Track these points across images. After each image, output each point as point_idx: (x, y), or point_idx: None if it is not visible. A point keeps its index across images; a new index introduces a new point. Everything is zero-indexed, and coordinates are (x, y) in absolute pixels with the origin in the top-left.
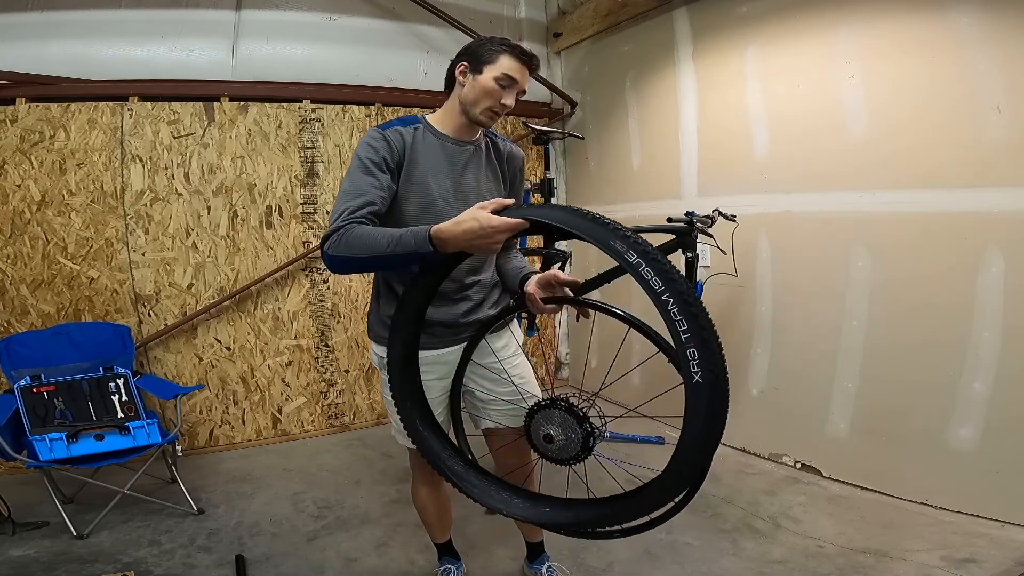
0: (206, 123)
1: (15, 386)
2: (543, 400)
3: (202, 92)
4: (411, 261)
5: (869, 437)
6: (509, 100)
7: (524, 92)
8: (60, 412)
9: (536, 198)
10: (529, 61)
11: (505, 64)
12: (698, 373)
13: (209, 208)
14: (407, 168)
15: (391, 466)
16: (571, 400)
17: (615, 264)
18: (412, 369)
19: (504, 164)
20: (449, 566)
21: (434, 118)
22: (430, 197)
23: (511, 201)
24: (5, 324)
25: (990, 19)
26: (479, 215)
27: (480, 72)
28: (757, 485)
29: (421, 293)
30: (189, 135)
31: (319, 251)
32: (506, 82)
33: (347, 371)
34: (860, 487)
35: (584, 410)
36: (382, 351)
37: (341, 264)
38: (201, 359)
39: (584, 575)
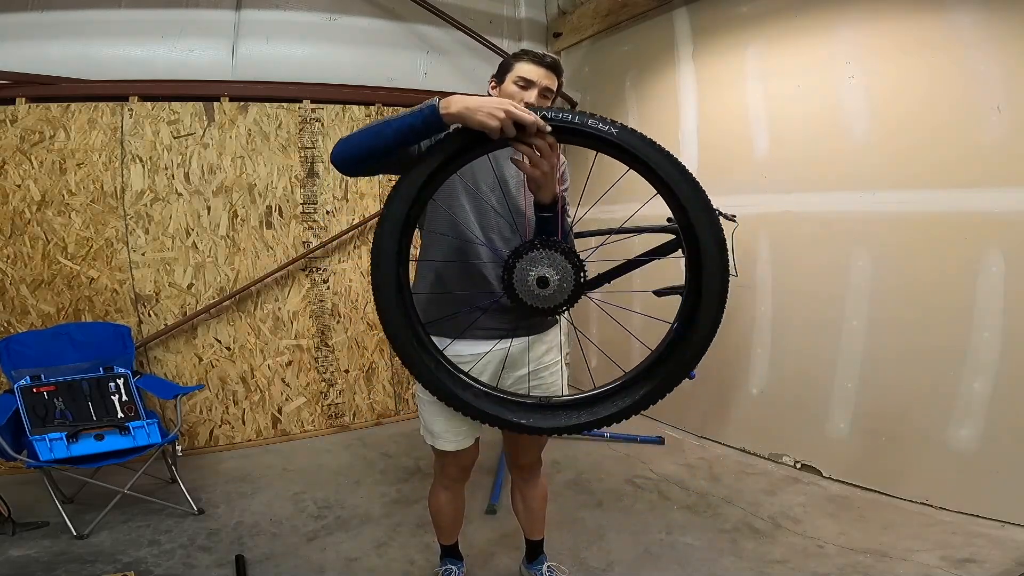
0: (206, 123)
1: (15, 386)
2: (518, 247)
3: (202, 92)
4: (415, 127)
5: (869, 437)
6: (530, 98)
7: (552, 92)
8: (60, 412)
9: None
10: (541, 60)
11: (520, 69)
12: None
13: (209, 208)
14: None
15: (391, 466)
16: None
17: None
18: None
19: None
20: (451, 566)
21: None
22: (476, 184)
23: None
24: (5, 324)
25: (990, 19)
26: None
27: (503, 82)
28: (757, 485)
29: (416, 175)
30: (189, 135)
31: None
32: (522, 83)
33: (347, 371)
34: (860, 487)
35: (561, 243)
36: None
37: (348, 148)
38: (201, 359)
39: (584, 575)
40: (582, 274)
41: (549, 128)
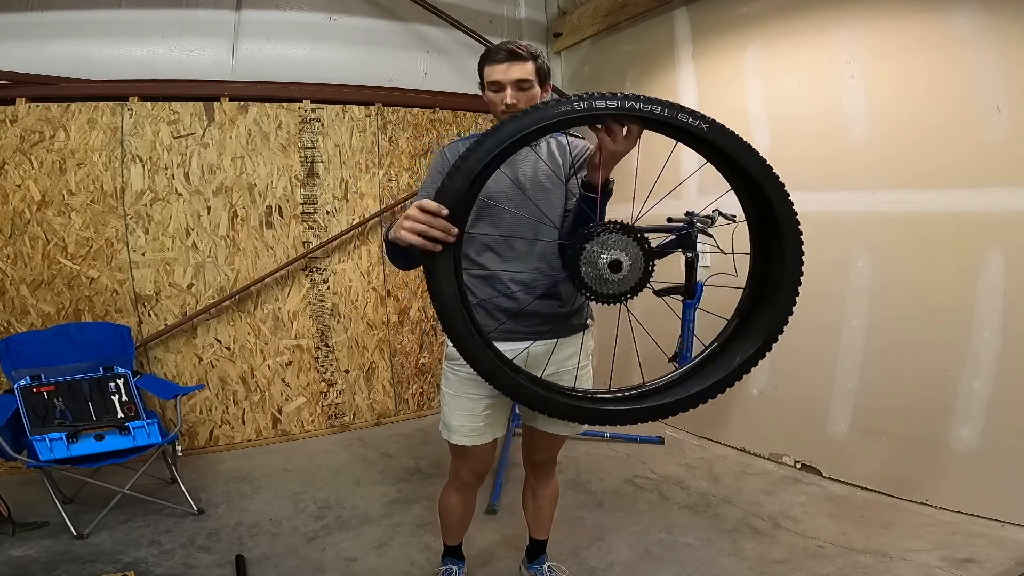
0: (206, 123)
1: (15, 386)
2: (587, 230)
3: (202, 92)
4: (397, 248)
5: (869, 437)
6: (508, 99)
7: (529, 80)
8: (60, 412)
9: None
10: (497, 56)
11: (486, 74)
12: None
13: (209, 208)
14: None
15: (391, 466)
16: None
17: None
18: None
19: (566, 154)
20: (451, 566)
21: None
22: (489, 192)
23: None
24: (5, 324)
25: (990, 19)
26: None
27: (484, 90)
28: (757, 485)
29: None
30: (189, 135)
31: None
32: (495, 87)
33: (347, 371)
34: (860, 487)
35: (633, 228)
36: None
37: (387, 251)
38: (201, 359)
39: (584, 575)
40: (651, 264)
41: (445, 212)
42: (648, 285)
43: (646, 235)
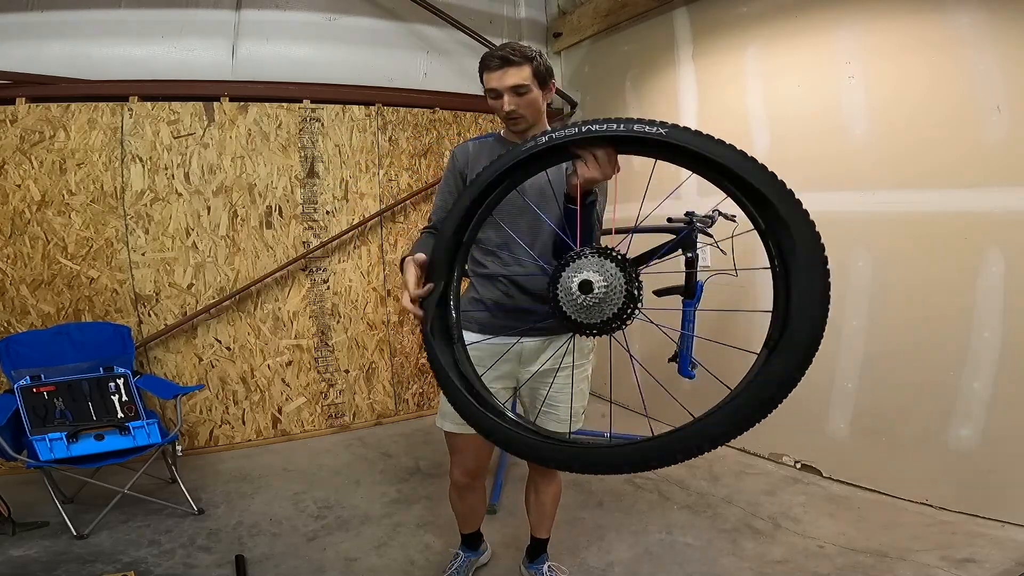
0: (206, 123)
1: (15, 386)
2: (570, 255)
3: (202, 92)
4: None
5: (869, 437)
6: (506, 106)
7: (526, 85)
8: (60, 412)
9: None
10: (491, 63)
11: (484, 81)
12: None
13: (209, 208)
14: (470, 174)
15: (391, 466)
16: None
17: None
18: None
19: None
20: (460, 552)
21: (504, 130)
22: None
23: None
24: (5, 324)
25: (990, 19)
26: (405, 294)
27: (486, 96)
28: (757, 485)
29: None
30: (189, 135)
31: None
32: (492, 95)
33: (347, 371)
34: (860, 487)
35: (616, 252)
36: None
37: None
38: (201, 359)
39: (584, 575)
40: (636, 286)
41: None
42: (639, 312)
43: (627, 256)
